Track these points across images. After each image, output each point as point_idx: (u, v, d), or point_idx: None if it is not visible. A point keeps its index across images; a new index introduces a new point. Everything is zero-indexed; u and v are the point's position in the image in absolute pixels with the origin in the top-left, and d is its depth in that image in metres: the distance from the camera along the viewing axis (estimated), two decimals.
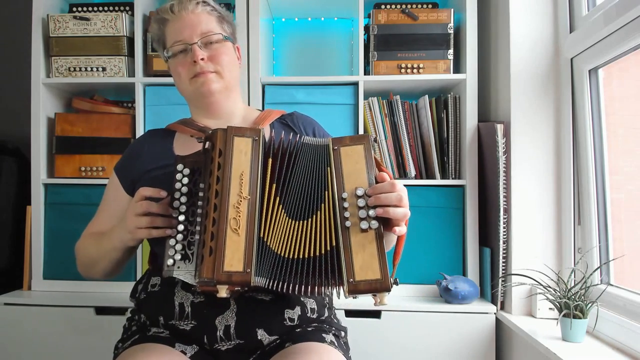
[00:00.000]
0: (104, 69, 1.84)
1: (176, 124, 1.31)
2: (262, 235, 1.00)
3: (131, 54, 1.86)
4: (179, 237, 1.04)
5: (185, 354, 1.10)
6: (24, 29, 1.90)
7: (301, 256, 1.00)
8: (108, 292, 1.80)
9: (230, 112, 1.30)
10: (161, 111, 1.83)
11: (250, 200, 0.99)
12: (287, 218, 1.02)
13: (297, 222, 1.02)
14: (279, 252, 1.00)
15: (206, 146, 1.07)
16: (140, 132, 1.83)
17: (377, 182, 1.02)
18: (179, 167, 1.08)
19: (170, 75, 1.80)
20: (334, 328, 1.21)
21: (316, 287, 0.98)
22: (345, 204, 1.01)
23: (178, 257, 1.03)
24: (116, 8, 1.89)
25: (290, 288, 0.98)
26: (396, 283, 0.99)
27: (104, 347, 1.63)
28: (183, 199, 1.06)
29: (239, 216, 0.98)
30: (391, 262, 1.03)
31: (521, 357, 1.53)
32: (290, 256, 1.00)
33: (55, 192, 1.85)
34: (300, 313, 1.16)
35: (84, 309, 1.70)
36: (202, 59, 1.20)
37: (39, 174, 1.83)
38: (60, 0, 1.95)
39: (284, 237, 1.01)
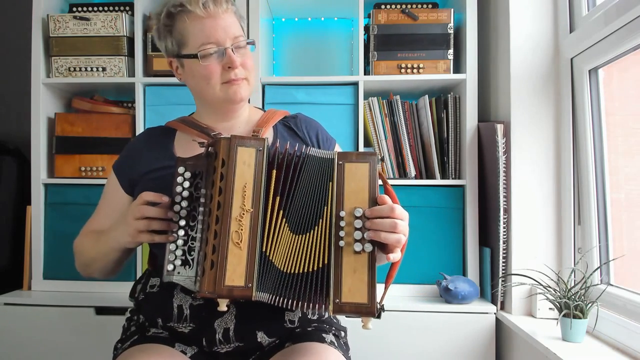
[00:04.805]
0: (104, 69, 1.84)
1: (177, 122, 1.28)
2: (264, 250, 0.99)
3: (131, 54, 1.86)
4: (180, 242, 1.03)
5: (185, 353, 1.10)
6: (24, 29, 1.89)
7: (296, 271, 0.99)
8: (108, 292, 1.80)
9: (240, 114, 1.28)
10: (161, 111, 1.83)
11: (253, 214, 0.98)
12: (290, 232, 1.01)
13: (295, 236, 1.01)
14: (280, 267, 0.99)
15: (209, 150, 1.04)
16: (140, 132, 1.82)
17: (377, 204, 1.00)
18: (180, 169, 1.06)
19: (170, 75, 1.83)
20: (334, 328, 1.21)
21: (306, 303, 0.98)
22: (342, 223, 0.99)
23: (178, 262, 1.02)
24: (116, 8, 1.89)
25: (285, 303, 0.98)
26: (382, 310, 0.98)
27: (104, 347, 1.63)
28: (184, 204, 1.05)
29: (241, 229, 0.97)
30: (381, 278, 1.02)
31: (521, 357, 1.53)
32: (287, 270, 1.00)
33: (55, 192, 1.85)
34: (300, 315, 1.16)
35: (84, 309, 1.70)
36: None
37: (39, 174, 1.83)
38: (60, 0, 1.95)
39: (286, 252, 1.00)
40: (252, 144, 1.01)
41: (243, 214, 0.98)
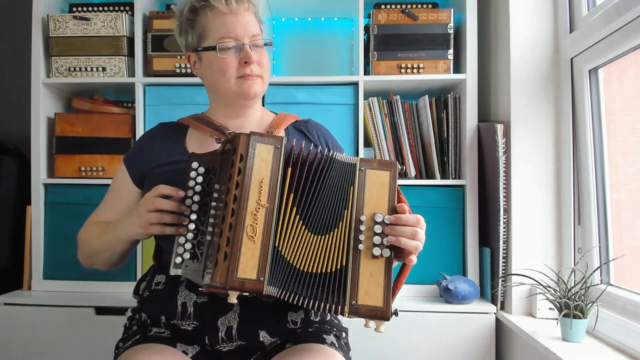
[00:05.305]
0: (104, 69, 1.84)
1: (190, 119, 1.29)
2: (277, 245, 0.99)
3: (131, 54, 1.86)
4: (189, 235, 1.04)
5: (186, 354, 1.10)
6: (24, 29, 1.89)
7: (313, 270, 1.00)
8: (108, 292, 1.80)
9: (251, 113, 1.29)
10: (161, 111, 1.83)
11: (268, 209, 0.99)
12: (306, 230, 1.02)
13: (314, 236, 1.02)
14: (293, 263, 1.00)
15: (226, 147, 1.05)
16: (140, 132, 1.83)
17: (396, 212, 1.03)
18: (194, 165, 1.08)
19: (170, 75, 1.83)
20: (335, 329, 1.21)
21: (322, 304, 0.98)
22: (362, 227, 1.02)
23: (187, 255, 1.03)
24: (116, 8, 1.89)
25: (298, 301, 0.98)
26: (396, 314, 1.00)
27: (104, 347, 1.63)
28: (196, 198, 1.06)
29: (256, 223, 0.98)
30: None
31: (521, 357, 1.53)
32: (303, 269, 1.00)
33: (55, 192, 1.85)
34: (303, 316, 1.17)
35: (84, 309, 1.70)
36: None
37: (39, 174, 1.83)
38: (60, 0, 1.95)
39: (300, 249, 1.01)
40: (271, 142, 1.03)
41: (258, 208, 0.99)
